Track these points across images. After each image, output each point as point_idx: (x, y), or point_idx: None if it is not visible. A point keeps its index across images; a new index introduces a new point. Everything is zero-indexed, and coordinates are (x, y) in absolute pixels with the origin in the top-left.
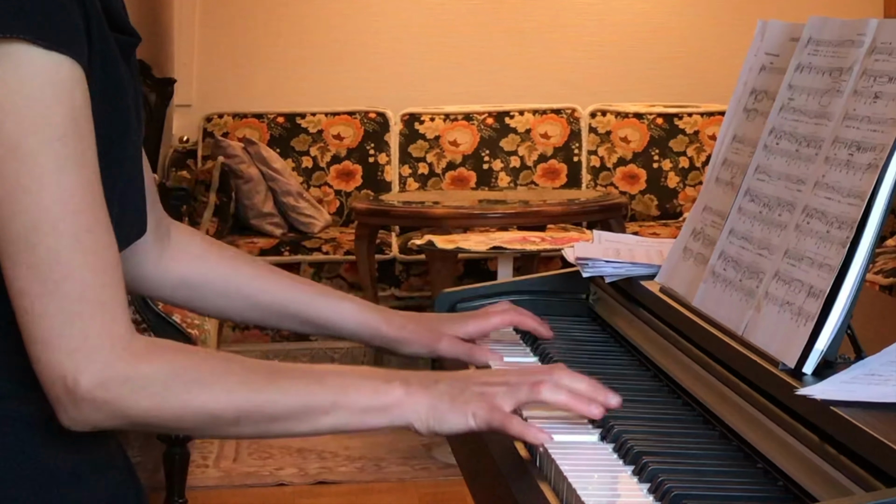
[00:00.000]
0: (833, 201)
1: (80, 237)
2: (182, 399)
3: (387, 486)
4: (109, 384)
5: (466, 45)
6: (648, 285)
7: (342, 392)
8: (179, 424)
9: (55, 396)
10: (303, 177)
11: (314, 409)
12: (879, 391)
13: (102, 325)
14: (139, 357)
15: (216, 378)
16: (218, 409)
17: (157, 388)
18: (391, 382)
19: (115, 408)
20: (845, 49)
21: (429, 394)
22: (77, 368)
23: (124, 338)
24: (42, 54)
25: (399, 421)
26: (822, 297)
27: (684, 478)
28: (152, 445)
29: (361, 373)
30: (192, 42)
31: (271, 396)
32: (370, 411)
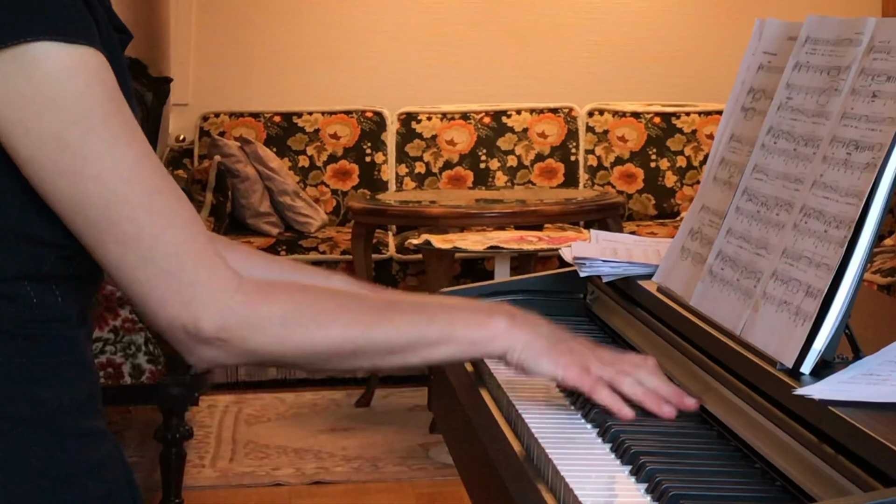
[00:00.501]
0: (831, 201)
1: (154, 201)
2: (300, 336)
3: (384, 486)
4: (229, 326)
5: (463, 44)
6: (646, 285)
7: (450, 326)
8: (298, 360)
9: (179, 342)
10: (299, 176)
11: (425, 342)
12: (877, 391)
13: (208, 272)
14: (253, 297)
15: (330, 315)
16: (335, 345)
17: (275, 327)
18: (496, 315)
19: (238, 347)
20: (843, 48)
21: (530, 330)
22: (196, 316)
23: (233, 280)
24: (64, 48)
25: (497, 350)
26: (819, 297)
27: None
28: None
29: (468, 305)
30: (188, 41)
31: (385, 331)
32: (476, 343)
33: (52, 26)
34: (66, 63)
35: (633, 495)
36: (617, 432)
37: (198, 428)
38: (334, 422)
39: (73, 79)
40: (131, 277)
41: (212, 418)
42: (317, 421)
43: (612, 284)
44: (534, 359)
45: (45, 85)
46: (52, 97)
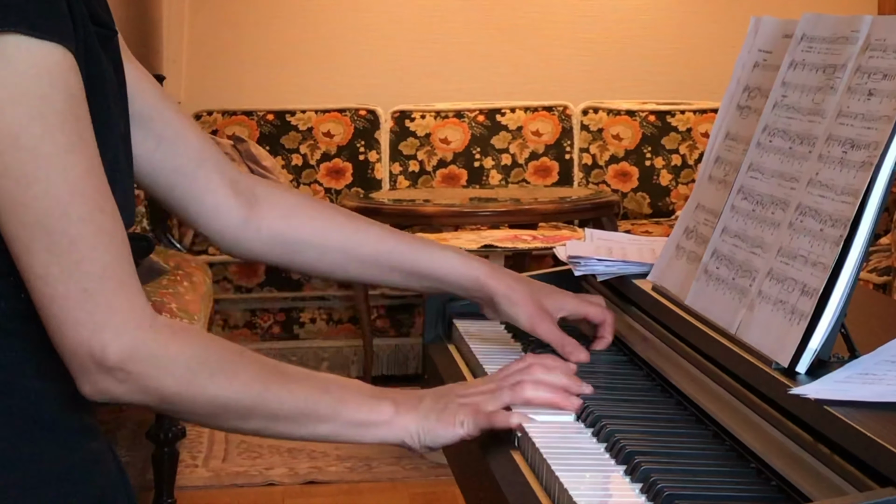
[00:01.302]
0: (827, 199)
1: (93, 218)
2: (202, 383)
3: (377, 486)
4: (135, 359)
5: (457, 42)
6: (641, 284)
7: (342, 403)
8: (193, 408)
9: (80, 367)
10: (293, 174)
11: (316, 415)
12: (873, 390)
13: (126, 300)
14: (165, 336)
15: (235, 370)
16: (232, 400)
17: (181, 370)
18: (382, 400)
19: (140, 383)
20: (839, 46)
21: (416, 412)
22: (105, 341)
23: (147, 316)
24: (35, 44)
25: (391, 439)
26: (815, 296)
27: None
28: (141, 445)
29: (357, 387)
30: (181, 39)
31: (279, 395)
32: (363, 426)
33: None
34: (36, 61)
35: (628, 495)
36: (611, 432)
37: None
38: None
39: (40, 78)
40: (51, 291)
41: None
42: None
43: (607, 283)
44: (432, 436)
45: (11, 80)
46: (17, 93)
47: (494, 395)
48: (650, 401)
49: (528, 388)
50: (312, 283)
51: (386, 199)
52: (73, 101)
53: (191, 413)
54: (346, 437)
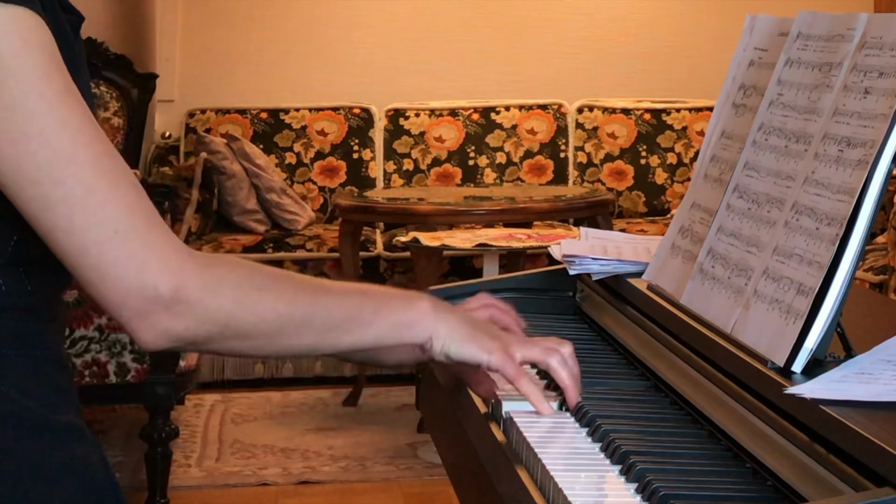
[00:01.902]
0: (823, 198)
1: (101, 161)
2: (254, 299)
3: (371, 486)
4: (187, 287)
5: (452, 40)
6: (636, 283)
7: (381, 303)
8: (251, 329)
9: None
10: (286, 173)
11: (361, 319)
12: (869, 390)
13: (159, 234)
14: (207, 261)
15: (280, 285)
16: (286, 311)
17: (233, 291)
18: (419, 299)
19: (198, 311)
20: (835, 44)
21: (453, 317)
22: (155, 277)
23: (183, 245)
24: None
25: (421, 335)
26: (811, 295)
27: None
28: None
29: (392, 289)
30: (174, 36)
31: (329, 304)
32: (400, 325)
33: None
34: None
35: (623, 495)
36: (607, 431)
37: (184, 427)
38: (321, 421)
39: (9, 36)
40: (81, 242)
41: (198, 417)
42: (304, 420)
43: (602, 282)
44: (458, 345)
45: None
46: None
47: (527, 344)
48: (645, 400)
49: (556, 359)
50: None
51: (380, 198)
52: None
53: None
54: (391, 338)
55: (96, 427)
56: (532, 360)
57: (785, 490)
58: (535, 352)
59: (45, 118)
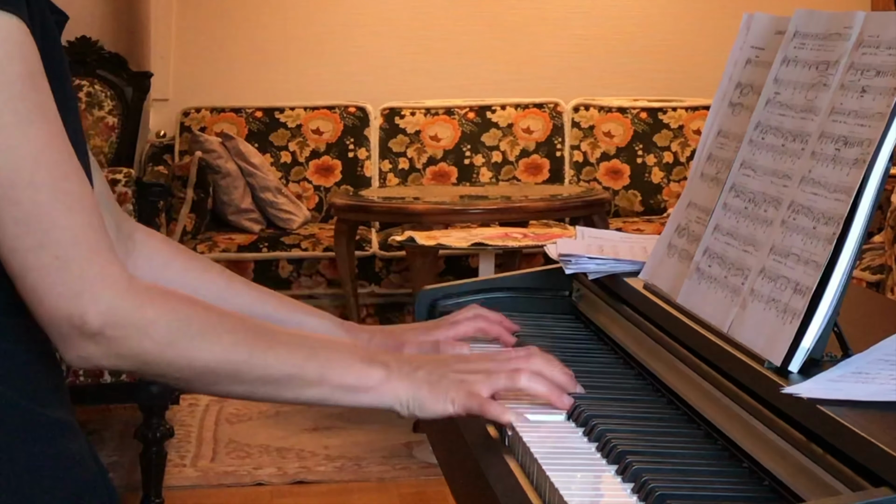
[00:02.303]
0: (820, 197)
1: (59, 186)
2: (184, 346)
3: (367, 486)
4: (115, 323)
5: (448, 39)
6: (632, 282)
7: (329, 367)
8: (175, 372)
9: (60, 335)
10: (281, 172)
11: (302, 379)
12: (866, 390)
13: (101, 266)
14: (142, 300)
15: (216, 333)
16: (215, 363)
17: (162, 333)
18: (373, 365)
19: (119, 346)
20: (832, 42)
21: (409, 380)
22: (84, 308)
23: (124, 278)
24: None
25: (379, 403)
26: (808, 294)
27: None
28: (129, 444)
29: (349, 350)
30: (169, 35)
31: (265, 359)
32: (352, 391)
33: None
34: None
35: (620, 495)
36: (603, 431)
37: (178, 427)
38: (317, 421)
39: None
40: (24, 263)
41: (193, 417)
42: (299, 420)
43: (598, 282)
44: (421, 407)
45: None
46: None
47: (490, 378)
48: (642, 400)
49: (525, 378)
50: (300, 282)
51: (375, 197)
52: (32, 70)
53: (174, 377)
54: (334, 400)
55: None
56: (500, 391)
57: (782, 490)
58: (500, 382)
59: (14, 135)
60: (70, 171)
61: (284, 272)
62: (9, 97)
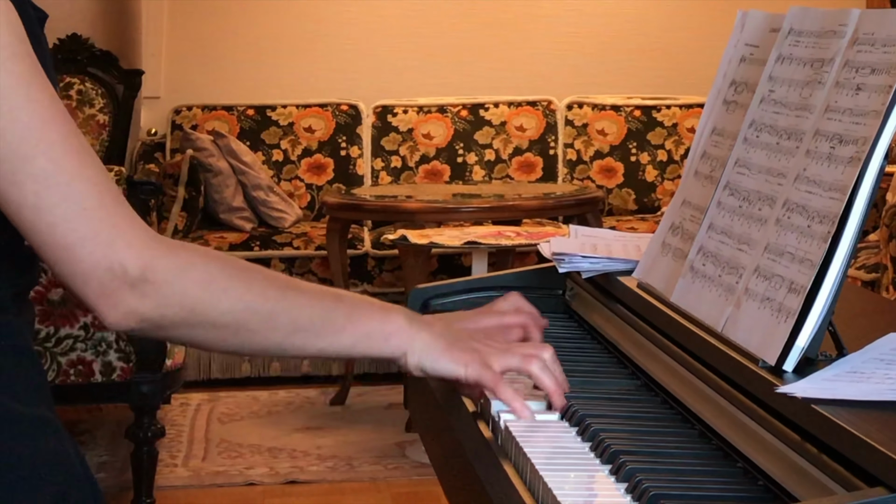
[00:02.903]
0: (814, 195)
1: (70, 140)
2: (222, 286)
3: (359, 486)
4: (156, 268)
5: (440, 36)
6: (626, 281)
7: (354, 311)
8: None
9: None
10: (273, 170)
11: (331, 324)
12: (861, 389)
13: (127, 215)
14: (174, 245)
15: (251, 277)
16: (254, 303)
17: (199, 274)
18: (394, 312)
19: (164, 293)
20: (827, 40)
21: (429, 332)
22: (121, 255)
23: (150, 230)
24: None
25: (395, 350)
26: (803, 293)
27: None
28: (120, 444)
29: (369, 299)
30: (160, 32)
31: (300, 301)
32: (373, 336)
33: None
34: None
35: (613, 495)
36: (596, 431)
37: (170, 426)
38: (309, 420)
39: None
40: (49, 219)
41: (184, 417)
42: (291, 419)
43: (592, 280)
44: (434, 360)
45: None
46: None
47: (505, 353)
48: (635, 399)
49: (536, 365)
50: None
51: (368, 195)
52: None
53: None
54: (359, 350)
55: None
56: (512, 369)
57: (776, 490)
58: (513, 360)
59: (15, 95)
60: (74, 128)
61: (276, 271)
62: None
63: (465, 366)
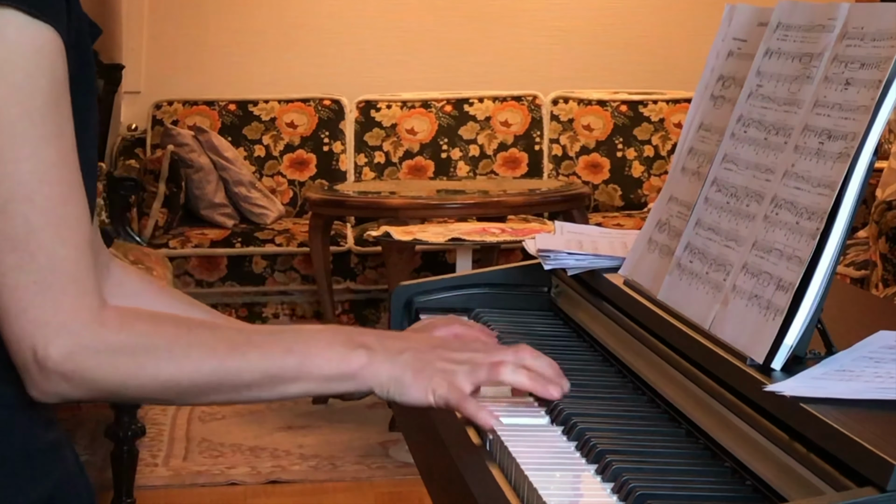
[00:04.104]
0: (803, 191)
1: (56, 210)
2: (151, 371)
3: (342, 486)
4: (78, 355)
5: (424, 30)
6: (612, 278)
7: (307, 359)
8: (147, 395)
9: (24, 366)
10: (255, 166)
11: (281, 377)
12: (850, 387)
13: (74, 297)
14: (110, 328)
15: (187, 350)
16: (186, 380)
17: (125, 360)
18: (355, 350)
19: (84, 378)
20: (815, 34)
21: (392, 364)
22: (47, 340)
23: (95, 309)
24: (29, 23)
25: (361, 387)
26: (791, 291)
27: (649, 477)
28: (100, 443)
29: (326, 336)
30: (140, 26)
31: (240, 366)
32: (333, 379)
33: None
34: (27, 39)
35: (599, 495)
36: (582, 430)
37: (150, 425)
38: (291, 419)
39: (28, 57)
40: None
41: (165, 415)
42: (273, 418)
43: (578, 278)
44: (401, 392)
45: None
46: (3, 70)
47: (473, 369)
48: (622, 398)
49: (507, 371)
50: (274, 277)
51: (351, 192)
52: (57, 85)
53: (148, 399)
54: (319, 391)
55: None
56: (482, 384)
57: (764, 490)
58: (481, 375)
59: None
60: (70, 197)
61: (258, 268)
62: (30, 110)
63: (433, 392)
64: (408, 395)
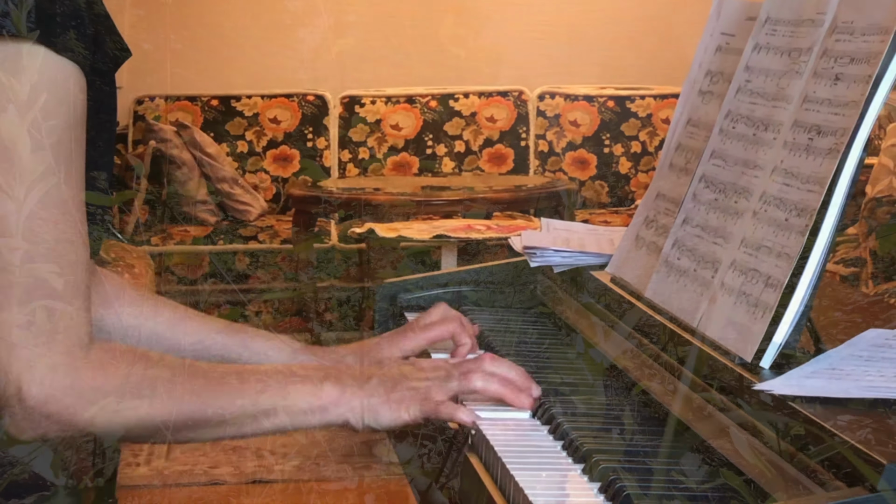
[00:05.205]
0: (792, 188)
1: (58, 246)
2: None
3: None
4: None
5: (409, 25)
6: (599, 276)
7: (283, 395)
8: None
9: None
10: (238, 162)
11: (257, 414)
12: (840, 386)
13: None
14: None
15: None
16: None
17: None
18: (325, 382)
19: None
20: (805, 28)
21: (363, 392)
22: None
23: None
24: (52, 59)
25: (336, 420)
26: (780, 288)
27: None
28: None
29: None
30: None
31: (218, 404)
32: (308, 412)
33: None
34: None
35: (586, 495)
36: (568, 429)
37: None
38: None
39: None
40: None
41: None
42: None
43: (564, 275)
44: (375, 418)
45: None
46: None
47: (444, 382)
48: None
49: (478, 379)
50: (258, 275)
51: (335, 188)
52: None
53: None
54: (295, 426)
55: None
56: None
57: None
58: (453, 384)
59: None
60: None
61: (241, 265)
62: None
63: (406, 410)
64: (383, 420)
